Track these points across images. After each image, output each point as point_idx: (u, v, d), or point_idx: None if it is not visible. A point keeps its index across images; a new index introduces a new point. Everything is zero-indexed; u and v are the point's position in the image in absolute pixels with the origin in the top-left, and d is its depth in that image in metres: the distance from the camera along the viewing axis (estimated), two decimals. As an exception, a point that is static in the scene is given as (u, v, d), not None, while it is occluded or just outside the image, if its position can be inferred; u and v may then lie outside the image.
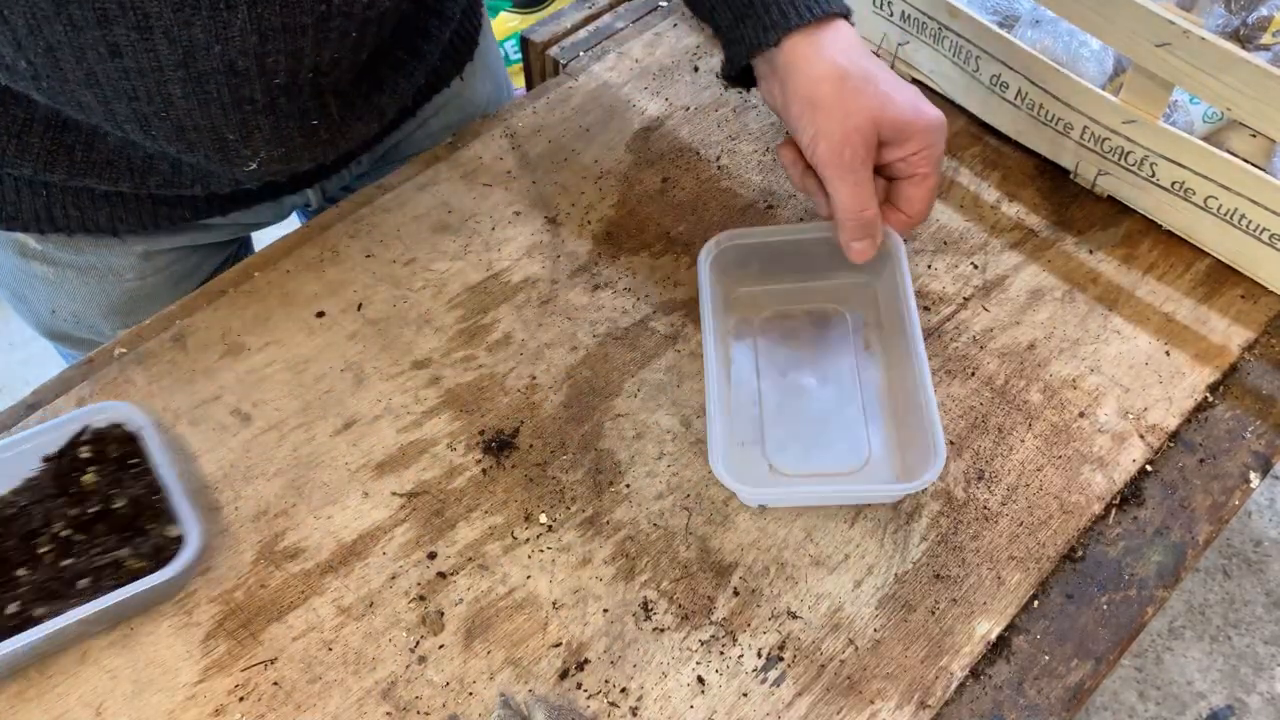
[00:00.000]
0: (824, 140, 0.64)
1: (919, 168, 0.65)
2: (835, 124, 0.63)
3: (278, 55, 0.62)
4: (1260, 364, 0.73)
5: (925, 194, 0.66)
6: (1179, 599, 1.66)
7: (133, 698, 0.57)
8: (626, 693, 0.58)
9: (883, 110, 0.63)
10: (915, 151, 0.65)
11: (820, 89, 0.63)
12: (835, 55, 0.64)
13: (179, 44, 0.59)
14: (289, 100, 0.66)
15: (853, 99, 0.63)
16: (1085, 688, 0.59)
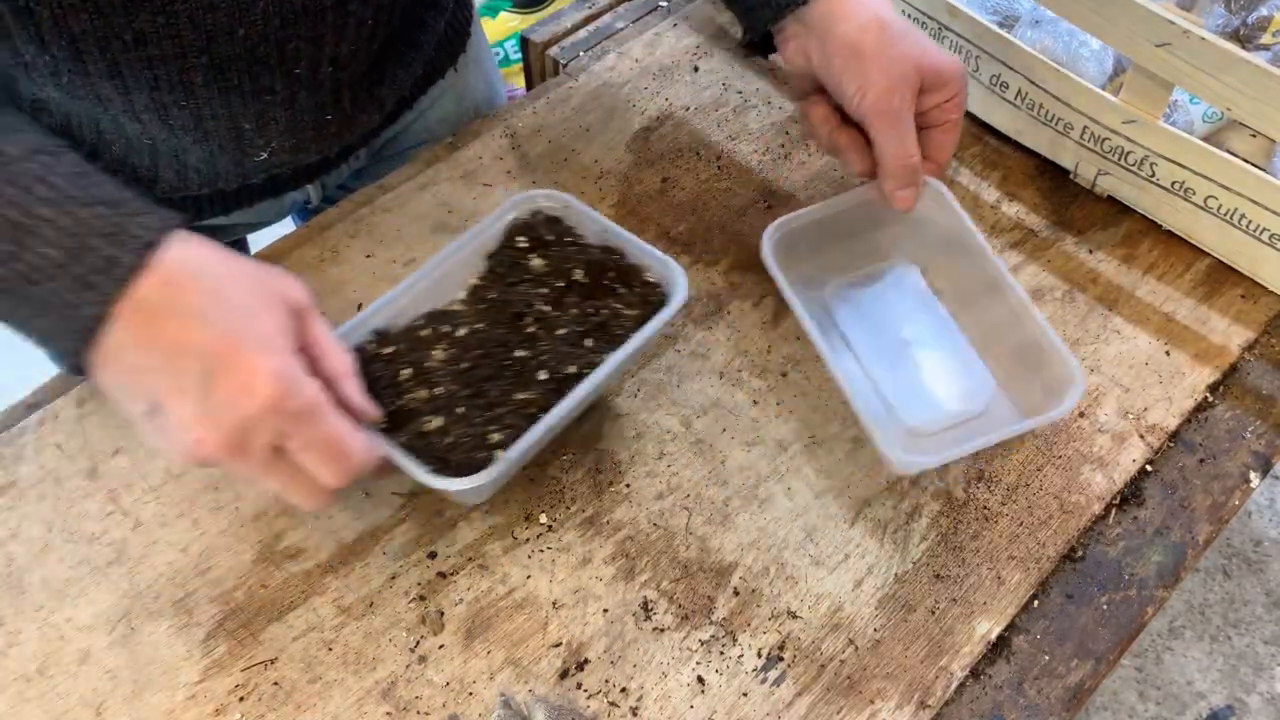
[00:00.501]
0: (872, 89, 0.65)
1: (950, 114, 0.67)
2: (881, 72, 0.64)
3: (298, 42, 0.63)
4: (1260, 364, 0.73)
5: (953, 140, 0.69)
6: (1179, 599, 1.66)
7: (133, 698, 0.57)
8: (626, 693, 0.58)
9: (924, 57, 0.65)
10: (950, 98, 0.67)
11: (865, 38, 0.65)
12: (874, 5, 0.66)
13: (202, 29, 0.59)
14: (307, 94, 0.67)
15: (895, 46, 0.64)
16: (1085, 688, 0.59)
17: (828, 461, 0.67)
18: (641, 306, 0.64)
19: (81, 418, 0.67)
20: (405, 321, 0.63)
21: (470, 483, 0.55)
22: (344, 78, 0.69)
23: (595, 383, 0.60)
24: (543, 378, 0.60)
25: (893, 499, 0.65)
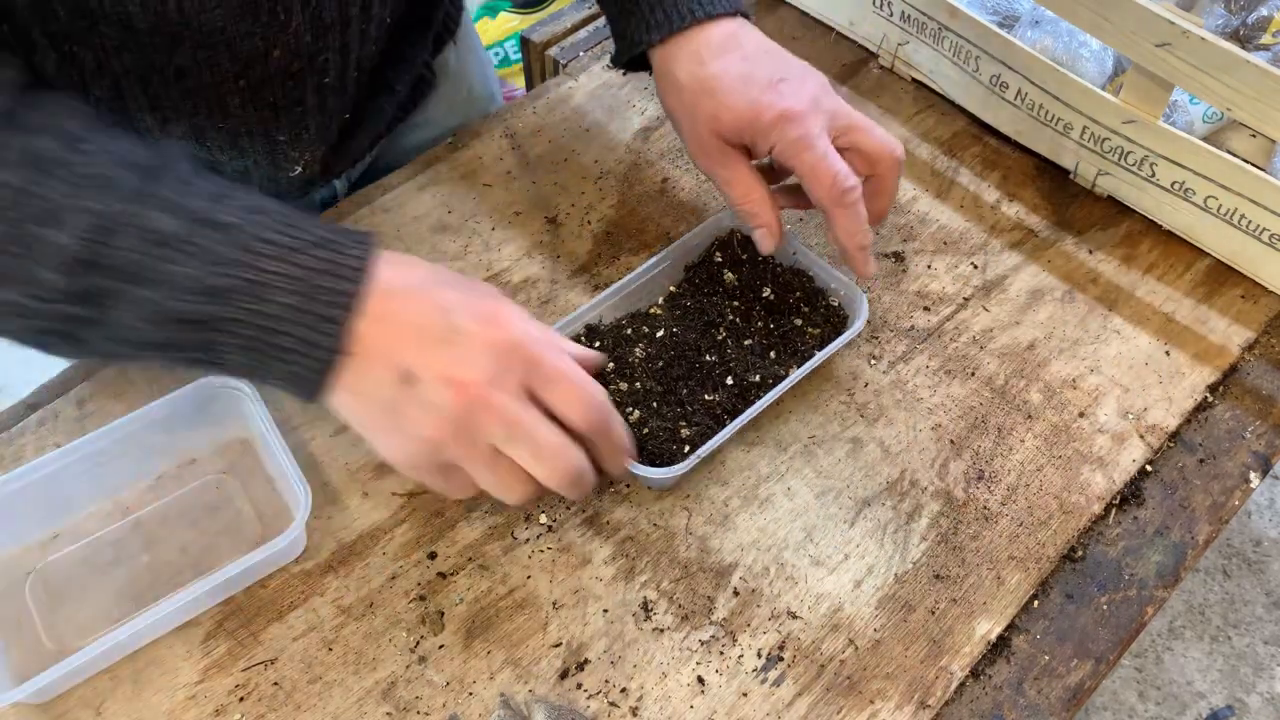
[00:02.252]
0: (688, 147, 0.67)
1: (786, 161, 0.63)
2: (686, 133, 0.66)
3: (328, 53, 0.65)
4: (1260, 364, 0.73)
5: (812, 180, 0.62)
6: (1179, 599, 1.66)
7: (133, 698, 0.57)
8: (626, 693, 0.58)
9: (717, 121, 0.64)
10: (772, 147, 0.63)
11: (669, 102, 0.67)
12: (676, 69, 0.65)
13: (239, 56, 0.61)
14: (335, 99, 0.69)
15: (690, 112, 0.65)
16: (1085, 688, 0.59)
17: (828, 461, 0.67)
18: (823, 326, 0.70)
19: (81, 418, 0.67)
20: (611, 320, 0.69)
21: (667, 473, 0.61)
22: (364, 77, 0.71)
23: (777, 394, 0.64)
24: (729, 383, 0.66)
25: (893, 499, 0.65)
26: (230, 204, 0.50)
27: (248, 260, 0.48)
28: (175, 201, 0.49)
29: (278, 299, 0.49)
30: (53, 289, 0.47)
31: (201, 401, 0.64)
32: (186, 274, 0.48)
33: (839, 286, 0.70)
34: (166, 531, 0.63)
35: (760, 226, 0.66)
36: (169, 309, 0.48)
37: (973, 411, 0.69)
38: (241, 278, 0.48)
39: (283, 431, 0.64)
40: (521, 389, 0.51)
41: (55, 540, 0.63)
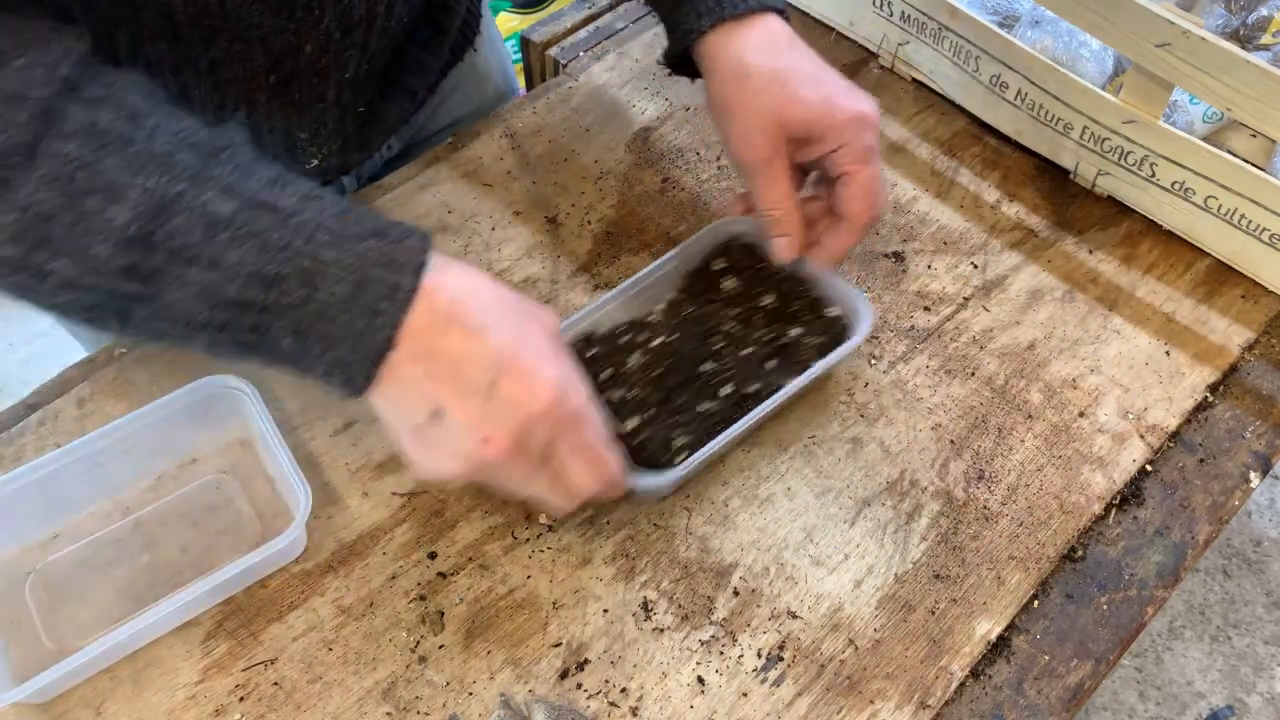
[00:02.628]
0: (731, 141, 0.65)
1: (843, 165, 0.63)
2: (739, 124, 0.64)
3: (351, 49, 0.66)
4: (1260, 364, 0.73)
5: (857, 192, 0.63)
6: (1179, 599, 1.66)
7: (133, 698, 0.57)
8: (626, 693, 0.58)
9: (786, 110, 0.62)
10: (833, 149, 0.63)
11: (726, 91, 0.64)
12: (744, 55, 0.64)
13: (272, 50, 0.62)
14: (352, 94, 0.70)
15: (753, 100, 0.63)
16: (1085, 688, 0.59)
17: (827, 461, 0.67)
18: (824, 335, 0.68)
19: (81, 418, 0.67)
20: (608, 327, 0.68)
21: (656, 480, 0.60)
22: (376, 74, 0.72)
23: (772, 404, 0.63)
24: (726, 392, 0.65)
25: (893, 499, 0.65)
26: (288, 190, 0.50)
27: (303, 247, 0.48)
28: (233, 184, 0.48)
29: (331, 287, 0.48)
30: (106, 264, 0.47)
31: (201, 401, 0.64)
32: (241, 258, 0.48)
33: (842, 296, 0.69)
34: (166, 531, 0.63)
35: (783, 235, 0.65)
36: (221, 292, 0.48)
37: (973, 411, 0.69)
38: (296, 264, 0.48)
39: (283, 431, 0.64)
40: (539, 450, 0.52)
41: (55, 540, 0.63)
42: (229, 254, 0.47)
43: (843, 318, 0.69)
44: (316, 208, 0.49)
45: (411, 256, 0.50)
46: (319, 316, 0.49)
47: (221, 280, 0.48)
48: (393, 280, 0.49)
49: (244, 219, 0.48)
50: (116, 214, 0.46)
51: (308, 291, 0.48)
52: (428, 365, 0.50)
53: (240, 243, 0.48)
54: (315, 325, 0.49)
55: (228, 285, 0.48)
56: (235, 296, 0.48)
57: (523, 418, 0.50)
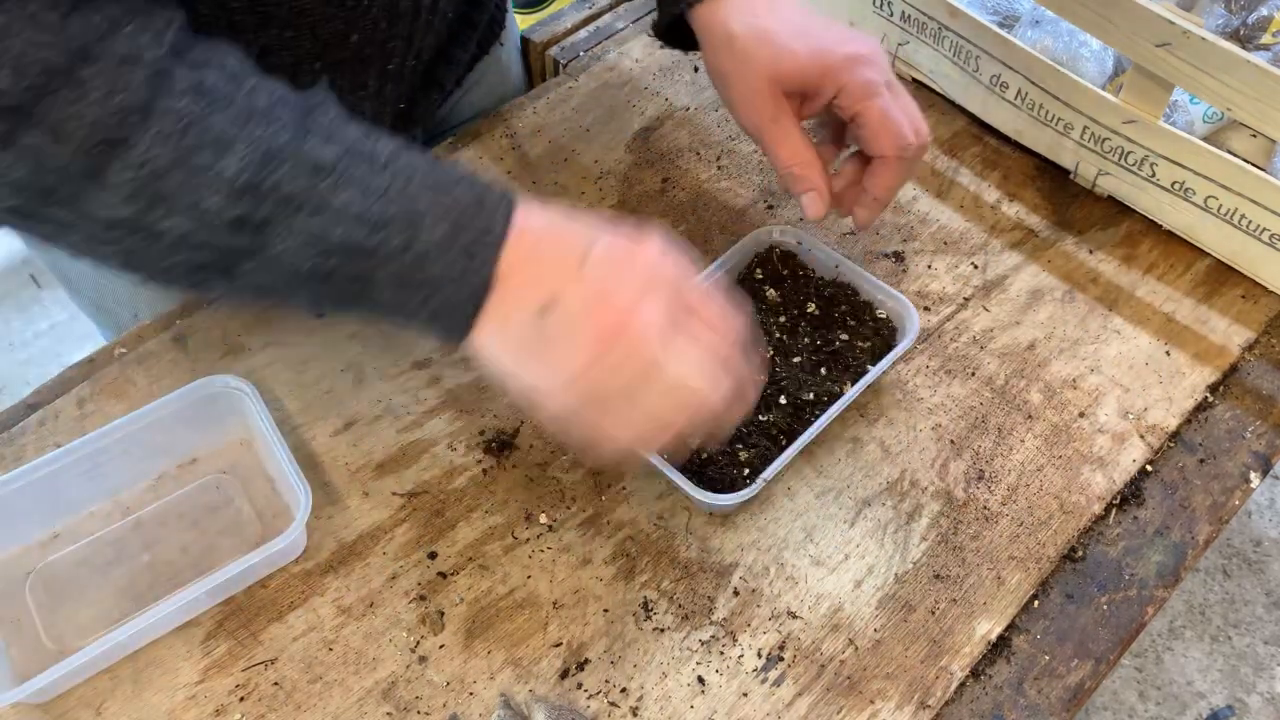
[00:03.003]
0: (734, 108, 0.65)
1: (849, 107, 0.62)
2: (737, 90, 0.64)
3: (396, 40, 0.67)
4: (1260, 364, 0.73)
5: (877, 127, 0.62)
6: (1179, 599, 1.66)
7: (133, 698, 0.57)
8: (626, 693, 0.58)
9: (776, 66, 0.62)
10: (834, 94, 0.62)
11: (719, 60, 0.65)
12: (729, 21, 0.64)
13: (321, 38, 0.63)
14: (393, 86, 0.71)
15: (743, 64, 0.63)
16: (1085, 688, 0.59)
17: (827, 461, 0.67)
18: (873, 339, 0.69)
19: (82, 418, 0.67)
20: None
21: (734, 499, 0.61)
22: (420, 68, 0.73)
23: (837, 410, 0.64)
24: (782, 402, 0.65)
25: (893, 499, 0.65)
26: (381, 141, 0.51)
27: (401, 190, 0.50)
28: (333, 132, 0.50)
29: (430, 231, 0.50)
30: (217, 216, 0.48)
31: (201, 401, 0.64)
32: (347, 202, 0.49)
33: (885, 298, 0.69)
34: (166, 531, 0.63)
35: (809, 190, 0.65)
36: (329, 237, 0.49)
37: (973, 411, 0.69)
38: (397, 208, 0.50)
39: (283, 431, 0.64)
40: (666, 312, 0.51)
41: (55, 540, 0.63)
42: (335, 197, 0.49)
43: (889, 320, 0.70)
44: (409, 157, 0.51)
45: (499, 200, 0.52)
46: (420, 262, 0.50)
47: (327, 225, 0.49)
48: (485, 223, 0.51)
49: (345, 165, 0.49)
50: (226, 165, 0.48)
51: (410, 235, 0.50)
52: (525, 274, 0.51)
53: (345, 186, 0.49)
54: (419, 267, 0.50)
55: (334, 229, 0.49)
56: (341, 241, 0.49)
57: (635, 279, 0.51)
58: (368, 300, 0.52)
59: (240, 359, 0.70)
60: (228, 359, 0.70)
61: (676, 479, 0.61)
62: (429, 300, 0.51)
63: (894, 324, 0.69)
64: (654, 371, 0.50)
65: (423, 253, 0.50)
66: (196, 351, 0.71)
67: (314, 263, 0.50)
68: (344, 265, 0.50)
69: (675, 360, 0.51)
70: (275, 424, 0.63)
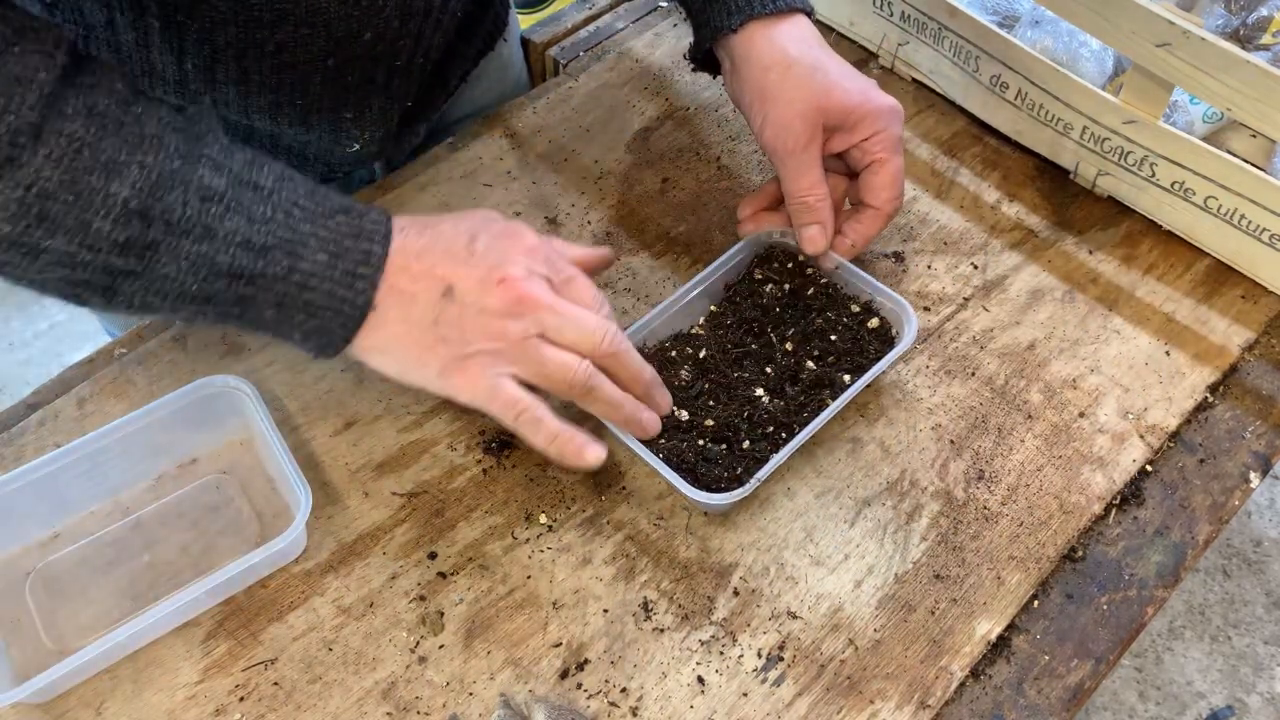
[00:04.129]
0: (770, 126, 0.66)
1: (874, 153, 0.66)
2: (779, 111, 0.66)
3: (406, 39, 0.69)
4: (1260, 364, 0.73)
5: (887, 180, 0.67)
6: (1179, 599, 1.66)
7: (133, 698, 0.57)
8: (627, 693, 0.58)
9: (827, 96, 0.65)
10: (867, 136, 0.66)
11: (768, 77, 0.66)
12: (786, 45, 0.66)
13: (334, 36, 0.65)
14: (400, 82, 0.73)
15: (796, 87, 0.65)
16: (1085, 688, 0.59)
17: (827, 461, 0.67)
18: (872, 340, 0.69)
19: (82, 417, 0.67)
20: (655, 343, 0.69)
21: (727, 498, 0.61)
22: (429, 66, 0.75)
23: (833, 412, 0.64)
24: (778, 402, 0.65)
25: (893, 499, 0.65)
26: (265, 170, 0.54)
27: (284, 220, 0.52)
28: (221, 162, 0.52)
29: (311, 257, 0.53)
30: (104, 239, 0.49)
31: (201, 401, 0.64)
32: (233, 230, 0.51)
33: (884, 299, 0.69)
34: (166, 531, 0.63)
35: (815, 223, 0.67)
36: (213, 262, 0.51)
37: (973, 411, 0.69)
38: (279, 235, 0.52)
39: (283, 431, 0.64)
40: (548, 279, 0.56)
41: (55, 540, 0.63)
42: (222, 225, 0.51)
43: (887, 322, 0.69)
44: (291, 187, 0.54)
45: (376, 226, 0.55)
46: (301, 287, 0.53)
47: (213, 251, 0.51)
48: (365, 248, 0.54)
49: (233, 194, 0.52)
50: (117, 190, 0.49)
51: (291, 262, 0.52)
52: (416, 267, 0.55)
53: (231, 215, 0.51)
54: (298, 296, 0.53)
55: (219, 255, 0.51)
56: (225, 267, 0.51)
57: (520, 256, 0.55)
58: (249, 319, 0.55)
59: (240, 359, 0.70)
60: (228, 359, 0.70)
61: (672, 478, 0.60)
62: (305, 321, 0.54)
63: (893, 325, 0.69)
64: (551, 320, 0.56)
65: (301, 279, 0.53)
66: (196, 351, 0.71)
67: (199, 285, 0.52)
68: (228, 289, 0.52)
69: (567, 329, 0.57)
70: (275, 424, 0.63)
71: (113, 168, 0.49)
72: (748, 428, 0.64)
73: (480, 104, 0.91)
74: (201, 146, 0.52)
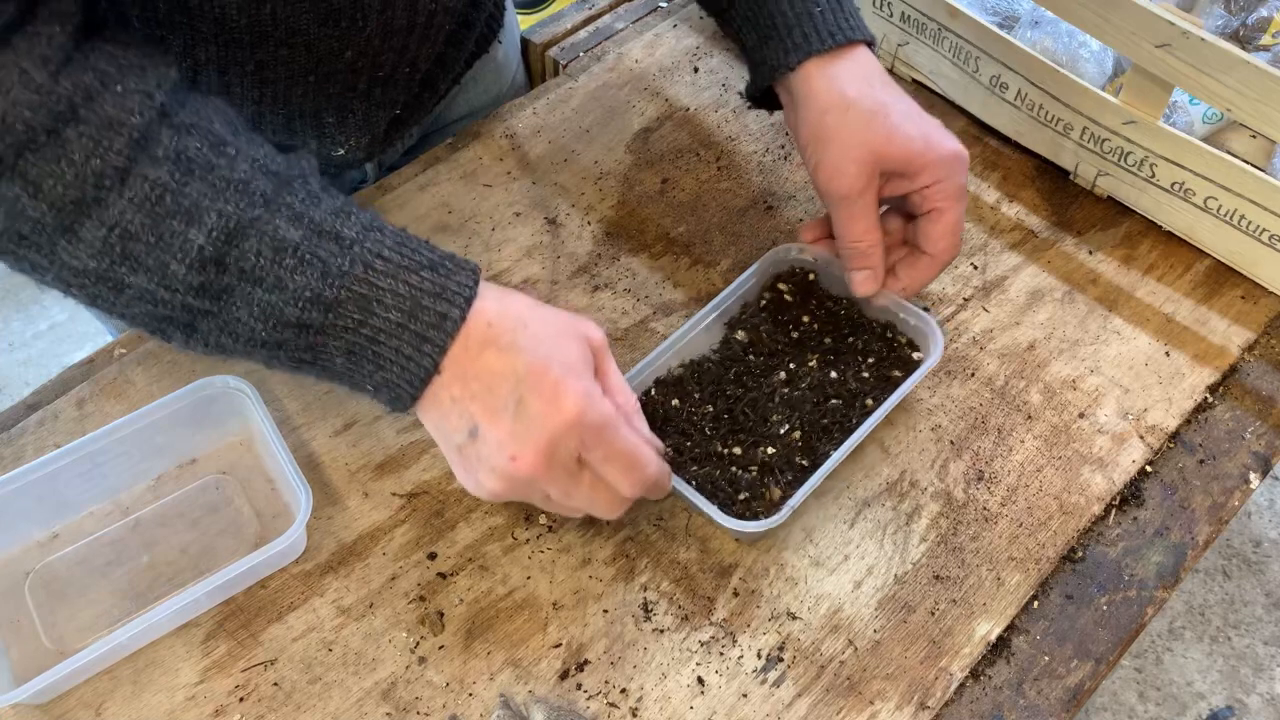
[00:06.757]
0: (823, 170, 0.64)
1: (934, 201, 0.64)
2: (835, 154, 0.64)
3: (389, 53, 0.68)
4: (1260, 364, 0.73)
5: (945, 230, 0.65)
6: (1179, 599, 1.66)
7: (132, 698, 0.57)
8: (626, 693, 0.58)
9: (887, 143, 0.63)
10: (927, 185, 0.64)
11: (826, 120, 0.64)
12: (845, 86, 0.64)
13: (315, 53, 0.65)
14: (382, 90, 0.72)
15: (854, 131, 0.63)
16: (1085, 688, 0.59)
17: (828, 462, 0.67)
18: (895, 359, 0.68)
19: (81, 418, 0.67)
20: (673, 368, 0.68)
21: (759, 526, 0.60)
22: (417, 75, 0.75)
23: (864, 433, 0.63)
24: (804, 424, 0.64)
25: (892, 500, 0.65)
26: (351, 220, 0.53)
27: (361, 274, 0.51)
28: (302, 212, 0.52)
29: (384, 314, 0.52)
30: (180, 281, 0.50)
31: (201, 402, 0.64)
32: (303, 282, 0.51)
33: (907, 316, 0.68)
34: (166, 531, 0.63)
35: (866, 269, 0.66)
36: (282, 313, 0.51)
37: (972, 412, 0.69)
38: (353, 290, 0.51)
39: (283, 431, 0.64)
40: (572, 459, 0.53)
41: (55, 540, 0.63)
42: (293, 278, 0.51)
43: (910, 340, 0.69)
44: (376, 239, 0.53)
45: (462, 289, 0.53)
46: (371, 340, 0.52)
47: (283, 302, 0.51)
48: (442, 310, 0.52)
49: (309, 245, 0.51)
50: (195, 236, 0.50)
51: (362, 316, 0.51)
52: (465, 387, 0.53)
53: (304, 268, 0.51)
54: (367, 348, 0.52)
55: (289, 307, 0.51)
56: (295, 318, 0.51)
57: (550, 432, 0.52)
58: (320, 369, 0.54)
59: (240, 359, 0.70)
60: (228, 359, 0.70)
61: (707, 507, 0.59)
62: (375, 375, 0.53)
63: (916, 343, 0.68)
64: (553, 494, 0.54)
65: (373, 335, 0.52)
66: (196, 352, 0.71)
67: (268, 333, 0.52)
68: (296, 338, 0.52)
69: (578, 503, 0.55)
70: (275, 424, 0.63)
71: (194, 214, 0.50)
72: (776, 452, 0.63)
73: (476, 105, 0.91)
74: (287, 193, 0.52)
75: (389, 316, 0.52)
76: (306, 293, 0.51)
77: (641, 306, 0.74)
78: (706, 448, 0.64)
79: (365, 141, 0.77)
